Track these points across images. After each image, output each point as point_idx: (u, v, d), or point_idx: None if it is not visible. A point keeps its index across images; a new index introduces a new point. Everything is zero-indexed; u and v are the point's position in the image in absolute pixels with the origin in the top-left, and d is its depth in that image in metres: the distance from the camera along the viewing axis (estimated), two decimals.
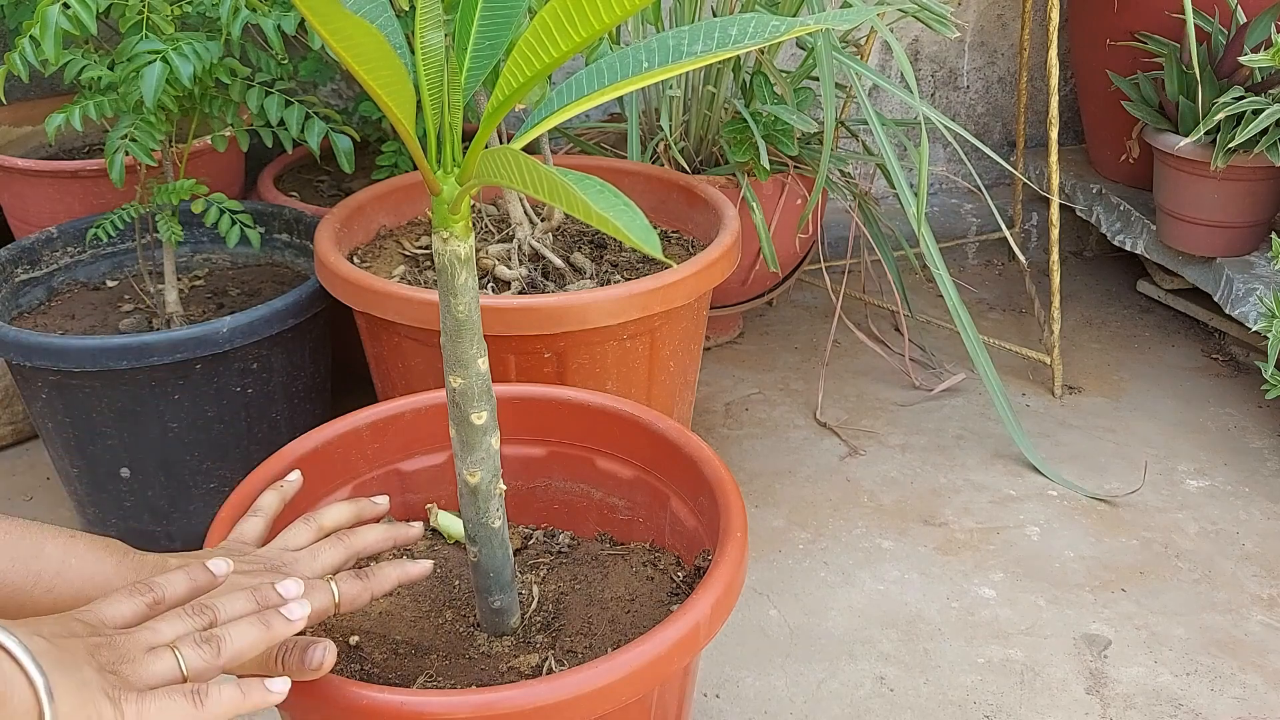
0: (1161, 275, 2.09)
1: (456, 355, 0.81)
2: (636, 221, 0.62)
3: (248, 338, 1.35)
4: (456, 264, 0.78)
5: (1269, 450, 1.71)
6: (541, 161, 1.23)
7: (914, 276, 2.14)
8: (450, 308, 0.79)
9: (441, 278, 0.79)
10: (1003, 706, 1.27)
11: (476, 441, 0.83)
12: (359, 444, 1.07)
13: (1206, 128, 1.72)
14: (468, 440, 0.83)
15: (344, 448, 1.06)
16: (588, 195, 0.61)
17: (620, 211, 0.62)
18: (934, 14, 1.55)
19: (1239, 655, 1.34)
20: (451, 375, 0.81)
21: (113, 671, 0.63)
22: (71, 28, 1.15)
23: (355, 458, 1.07)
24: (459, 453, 0.84)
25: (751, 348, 2.00)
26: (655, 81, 0.75)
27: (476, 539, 0.88)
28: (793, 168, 1.74)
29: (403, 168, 1.73)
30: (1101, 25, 2.04)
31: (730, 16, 0.68)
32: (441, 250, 0.78)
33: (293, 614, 0.72)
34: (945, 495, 1.62)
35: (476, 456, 0.84)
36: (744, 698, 1.28)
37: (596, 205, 0.61)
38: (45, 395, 1.38)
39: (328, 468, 1.04)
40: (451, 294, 0.79)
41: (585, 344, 1.28)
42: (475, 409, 0.82)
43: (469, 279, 0.79)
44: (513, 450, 1.09)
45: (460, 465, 0.84)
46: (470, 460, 0.84)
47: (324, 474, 1.04)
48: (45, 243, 1.56)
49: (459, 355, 0.81)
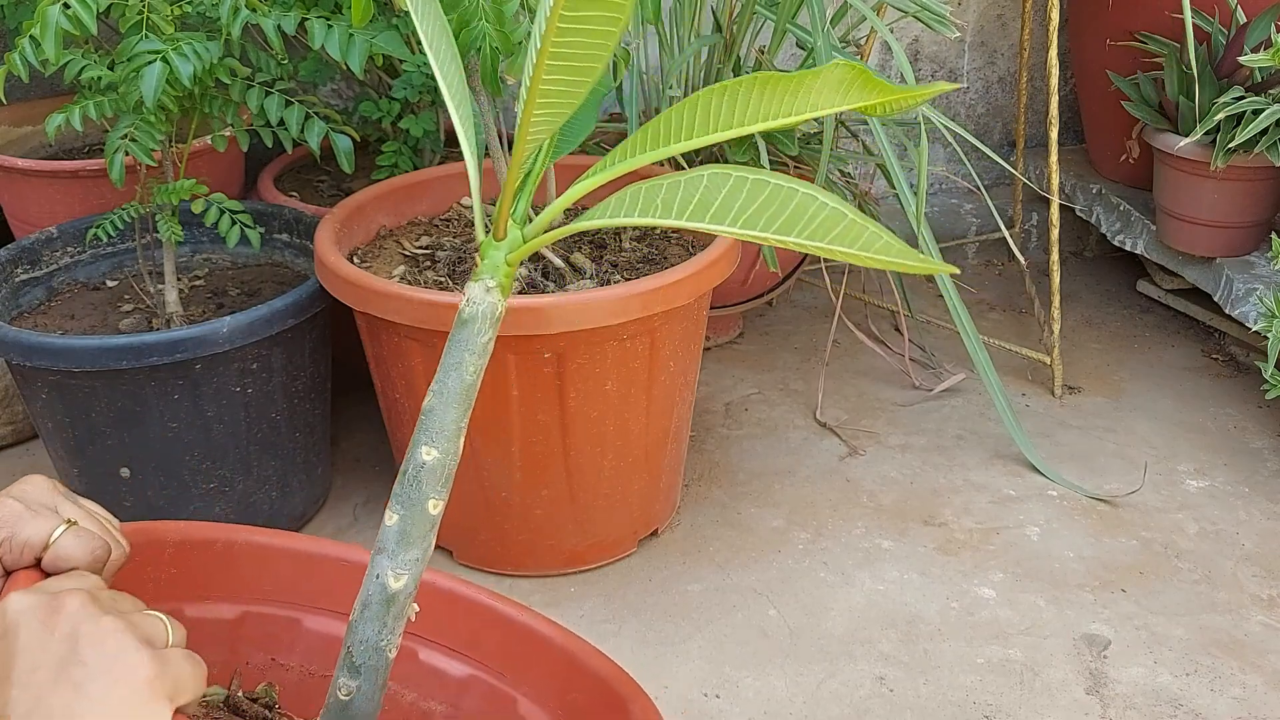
0: (1161, 275, 2.09)
1: (444, 424, 0.69)
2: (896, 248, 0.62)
3: (248, 338, 1.35)
4: (489, 320, 0.71)
5: (1269, 450, 1.71)
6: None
7: (914, 276, 2.14)
8: (461, 366, 0.70)
9: (464, 332, 0.70)
10: (1002, 707, 1.27)
11: (421, 535, 0.69)
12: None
13: (1206, 128, 1.72)
14: (410, 532, 0.69)
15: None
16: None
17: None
18: (934, 14, 1.55)
19: (1239, 655, 1.34)
20: (427, 447, 0.69)
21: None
22: (71, 28, 1.15)
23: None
24: (389, 548, 0.69)
25: (751, 348, 2.00)
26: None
27: (361, 669, 0.70)
28: (793, 168, 1.74)
29: (403, 167, 1.73)
30: (1101, 25, 2.04)
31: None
32: (480, 300, 0.70)
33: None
34: (945, 495, 1.62)
35: (411, 556, 0.69)
36: (744, 698, 1.28)
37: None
38: (45, 395, 1.38)
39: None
40: (470, 352, 0.70)
41: (585, 344, 1.28)
42: (437, 494, 0.70)
43: (492, 341, 0.70)
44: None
45: (385, 564, 0.69)
46: (402, 559, 0.69)
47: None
48: (45, 243, 1.56)
49: (446, 424, 0.69)
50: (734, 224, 0.64)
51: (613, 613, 1.41)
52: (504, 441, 1.34)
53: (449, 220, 1.55)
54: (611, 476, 1.40)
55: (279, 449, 1.46)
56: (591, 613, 1.41)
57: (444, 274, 1.39)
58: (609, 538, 1.46)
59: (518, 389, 1.29)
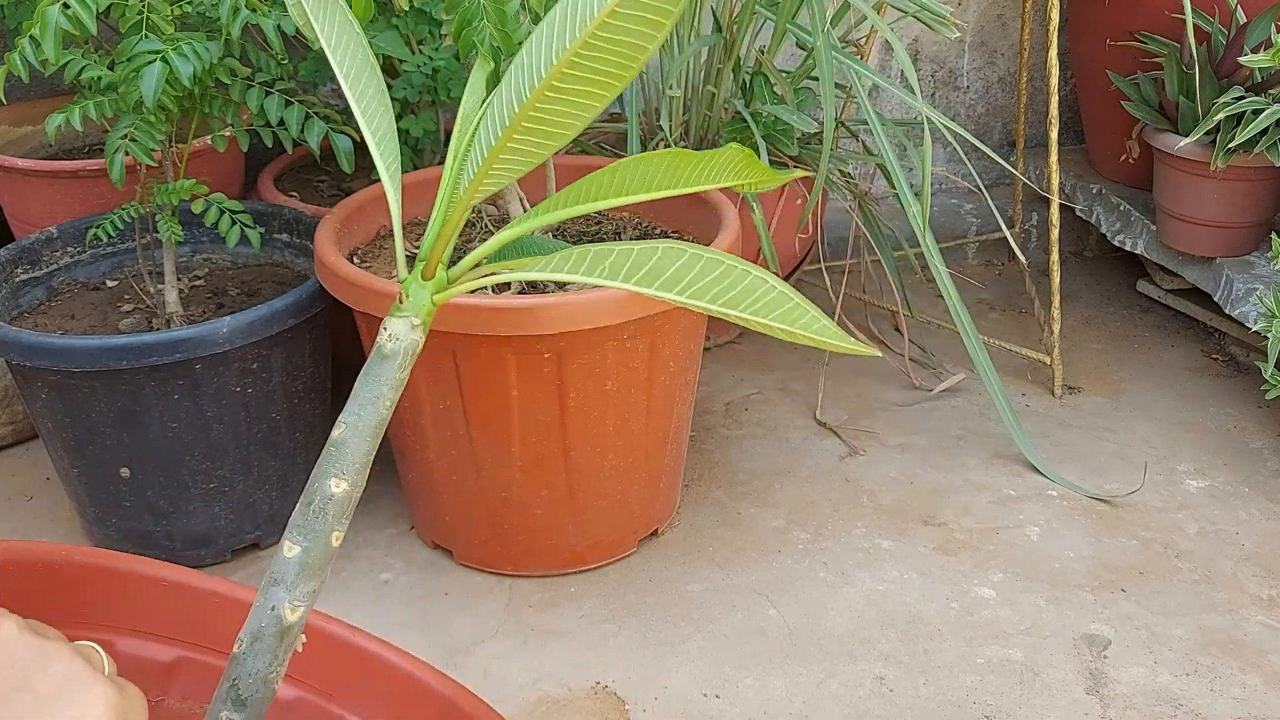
0: (1161, 275, 2.09)
1: (355, 456, 0.69)
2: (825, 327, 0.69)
3: (248, 338, 1.35)
4: (410, 356, 0.71)
5: (1269, 450, 1.71)
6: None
7: (914, 276, 2.14)
8: (378, 401, 0.70)
9: (384, 366, 0.70)
10: (1002, 707, 1.27)
11: (320, 567, 0.69)
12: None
13: (1206, 128, 1.72)
14: (311, 564, 0.68)
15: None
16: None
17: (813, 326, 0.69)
18: (934, 14, 1.55)
19: (1239, 655, 1.34)
20: (337, 479, 0.69)
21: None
22: (71, 28, 1.15)
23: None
24: (288, 579, 0.68)
25: (751, 348, 2.00)
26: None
27: (247, 701, 0.67)
28: (793, 168, 1.74)
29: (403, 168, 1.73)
30: (1101, 25, 2.04)
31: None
32: (404, 336, 0.70)
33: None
34: (945, 495, 1.62)
35: (309, 588, 0.68)
36: (744, 698, 1.28)
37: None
38: (45, 395, 1.38)
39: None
40: (389, 386, 0.70)
41: (585, 344, 1.28)
42: (340, 526, 0.69)
43: (408, 375, 0.71)
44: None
45: (282, 596, 0.67)
46: (300, 591, 0.68)
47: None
48: (45, 243, 1.56)
49: (357, 457, 0.69)
50: (681, 294, 0.69)
51: (612, 613, 1.41)
52: (504, 441, 1.34)
53: None
54: (611, 476, 1.40)
55: (279, 449, 1.46)
56: (591, 613, 1.41)
57: None
58: (609, 538, 1.46)
59: (518, 389, 1.29)
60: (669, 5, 0.66)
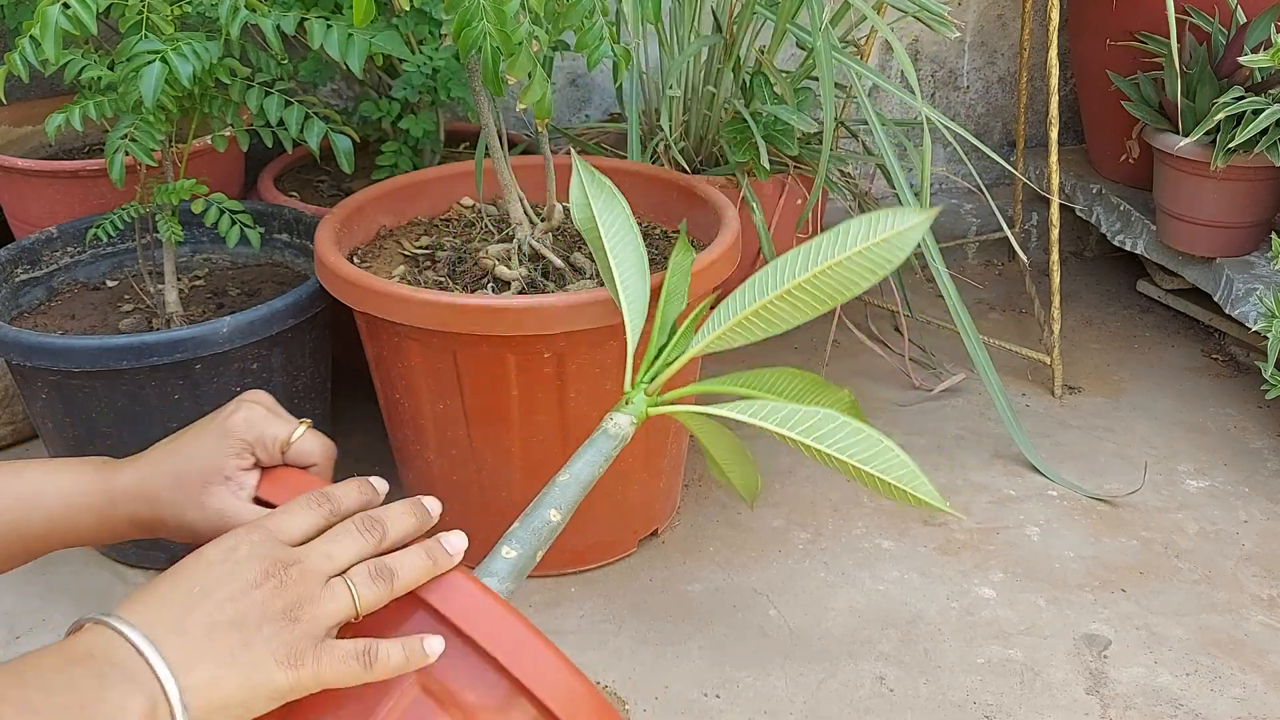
0: (1161, 275, 2.09)
1: (571, 498, 0.92)
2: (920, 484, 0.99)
3: (248, 338, 1.35)
4: (623, 440, 0.98)
5: (1269, 450, 1.71)
6: (541, 161, 1.31)
7: (914, 276, 2.14)
8: (594, 464, 0.95)
9: (606, 444, 0.96)
10: (1002, 707, 1.27)
11: (524, 571, 0.85)
12: None
13: (1206, 128, 1.72)
14: (520, 568, 0.85)
15: None
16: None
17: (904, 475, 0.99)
18: (933, 14, 1.55)
19: (1239, 655, 1.34)
20: (555, 510, 0.90)
21: (293, 619, 0.63)
22: (71, 28, 1.15)
23: None
24: (500, 574, 0.83)
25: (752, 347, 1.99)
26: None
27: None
28: (793, 168, 1.74)
29: (403, 168, 1.73)
30: (1101, 25, 2.04)
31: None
32: (625, 428, 0.98)
33: (454, 546, 0.70)
34: (945, 495, 1.60)
35: (510, 587, 0.84)
36: (744, 698, 1.28)
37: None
38: (45, 395, 1.38)
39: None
40: (605, 457, 0.96)
41: (585, 344, 1.28)
42: (544, 546, 0.89)
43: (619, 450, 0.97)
44: None
45: (491, 586, 0.81)
46: (505, 587, 0.84)
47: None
48: (45, 243, 1.56)
49: (571, 498, 0.92)
50: (832, 448, 0.98)
51: (613, 613, 1.41)
52: (504, 441, 1.34)
53: (449, 220, 1.55)
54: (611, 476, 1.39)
55: None
56: (592, 613, 1.41)
57: (444, 274, 1.39)
58: (609, 538, 1.46)
59: (518, 389, 1.29)
60: (890, 257, 0.99)
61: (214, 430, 0.76)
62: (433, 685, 0.67)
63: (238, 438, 0.75)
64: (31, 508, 0.74)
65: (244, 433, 0.75)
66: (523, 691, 0.67)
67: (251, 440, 0.75)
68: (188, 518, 0.74)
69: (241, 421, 0.75)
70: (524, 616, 0.68)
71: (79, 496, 0.75)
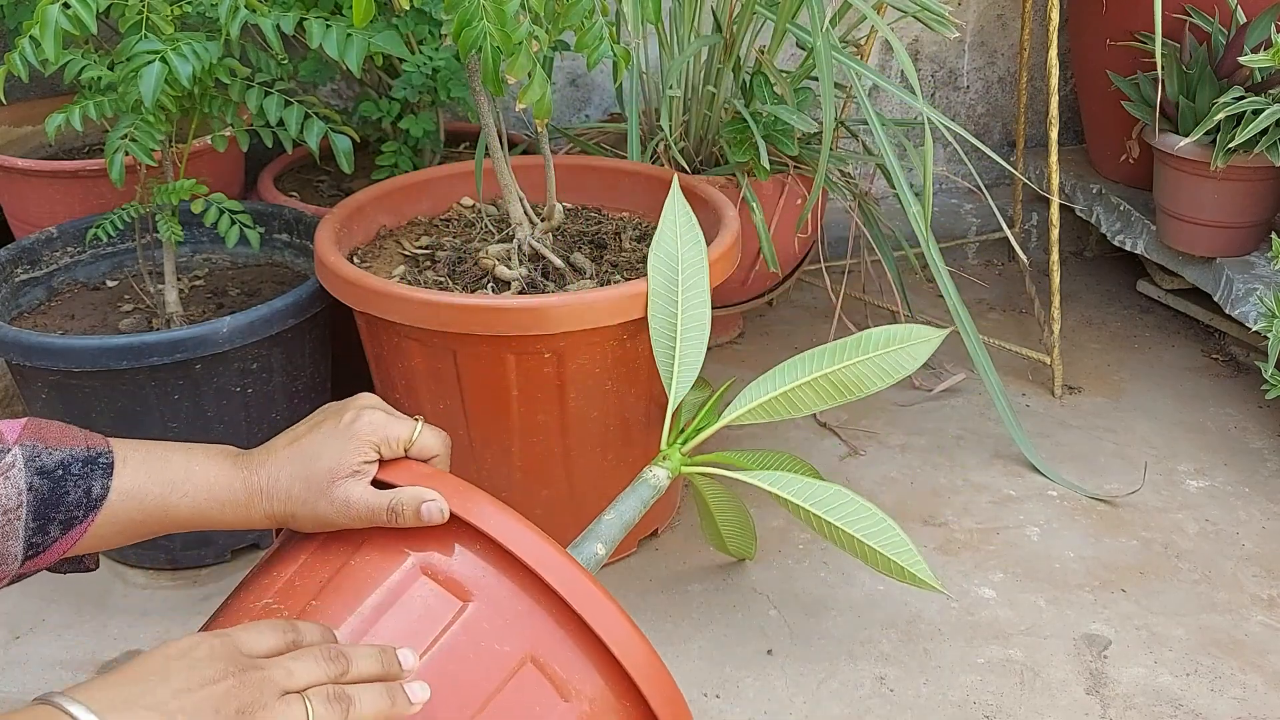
0: (1161, 275, 2.09)
1: (615, 535, 1.05)
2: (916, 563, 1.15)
3: (248, 338, 1.35)
4: (660, 491, 1.12)
5: (1269, 450, 1.71)
6: (541, 161, 1.31)
7: (914, 276, 2.14)
8: (633, 510, 1.08)
9: (646, 492, 1.11)
10: (1002, 707, 1.27)
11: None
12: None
13: (1206, 128, 1.72)
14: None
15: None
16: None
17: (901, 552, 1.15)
18: (933, 14, 1.55)
19: (1239, 655, 1.34)
20: (601, 545, 1.03)
21: (247, 715, 0.64)
22: (71, 28, 1.15)
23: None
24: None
25: (751, 348, 2.00)
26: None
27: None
28: (793, 168, 1.74)
29: (403, 167, 1.73)
30: (1101, 25, 2.04)
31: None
32: (663, 480, 1.13)
33: (416, 695, 0.72)
34: (945, 495, 1.62)
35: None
36: (744, 698, 1.28)
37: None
38: (45, 395, 1.38)
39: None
40: (643, 503, 1.10)
41: (585, 344, 1.28)
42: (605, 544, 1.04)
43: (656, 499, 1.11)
44: None
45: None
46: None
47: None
48: (45, 243, 1.56)
49: (615, 536, 1.04)
50: (834, 517, 1.15)
51: None
52: (504, 441, 1.34)
53: (449, 220, 1.55)
54: (611, 476, 1.40)
55: None
56: None
57: (444, 274, 1.39)
58: None
59: (518, 389, 1.29)
60: (902, 363, 1.21)
61: (340, 434, 0.82)
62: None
63: (365, 439, 0.82)
64: (180, 496, 0.80)
65: (370, 434, 0.82)
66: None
67: (378, 441, 0.82)
68: (319, 510, 0.81)
69: (367, 425, 0.82)
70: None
71: (222, 490, 0.81)
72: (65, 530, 0.78)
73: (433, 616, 0.78)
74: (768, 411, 1.21)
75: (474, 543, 0.81)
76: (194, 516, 0.81)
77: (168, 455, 0.81)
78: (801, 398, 1.21)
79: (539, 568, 0.78)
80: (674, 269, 1.26)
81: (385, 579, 0.79)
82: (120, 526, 0.80)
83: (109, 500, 0.78)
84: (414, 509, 0.79)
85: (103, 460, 0.79)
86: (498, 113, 1.37)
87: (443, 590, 0.79)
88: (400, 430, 0.84)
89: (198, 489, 0.81)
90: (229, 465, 0.82)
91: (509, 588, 0.79)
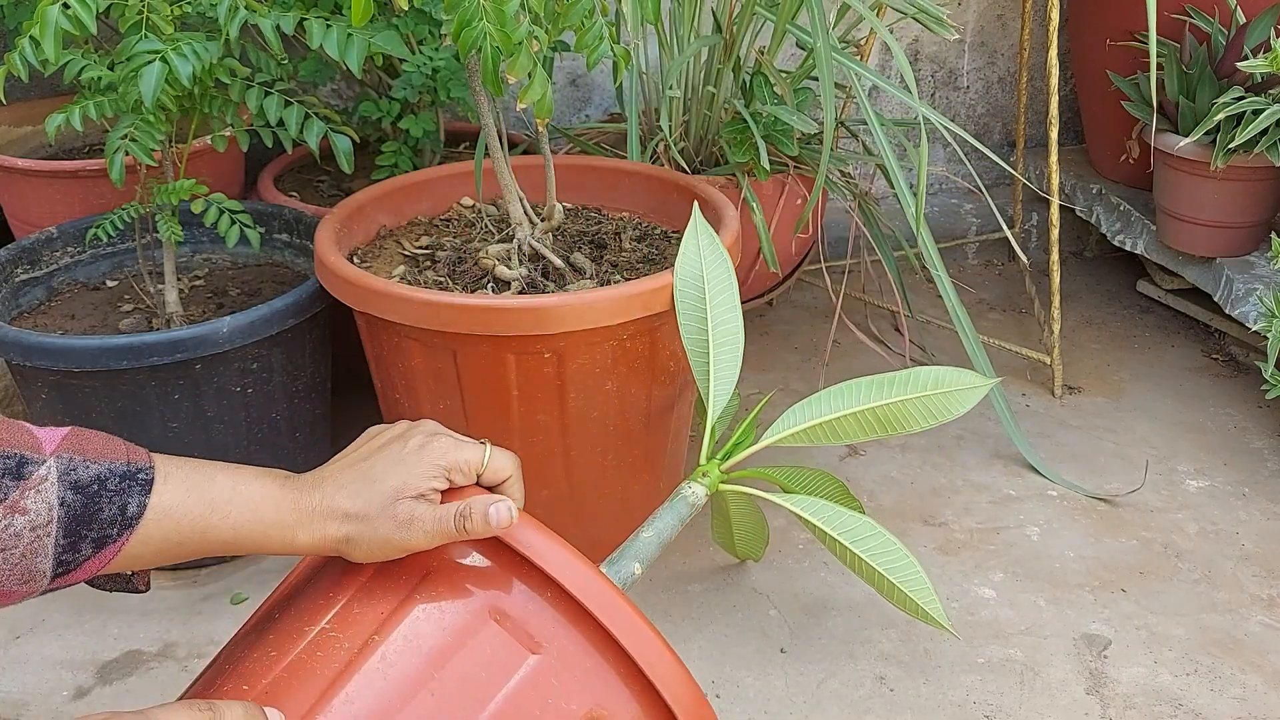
0: (1161, 275, 2.09)
1: (652, 552, 1.06)
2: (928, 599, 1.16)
3: (248, 338, 1.35)
4: (697, 508, 1.13)
5: (1269, 450, 1.71)
6: (542, 161, 1.31)
7: (914, 276, 2.14)
8: (671, 526, 1.08)
9: (684, 509, 1.11)
10: (1002, 706, 1.27)
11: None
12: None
13: (1206, 128, 1.72)
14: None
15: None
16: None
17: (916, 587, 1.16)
18: (931, 15, 1.55)
19: (1239, 655, 1.34)
20: (638, 564, 1.04)
21: None
22: (71, 28, 1.15)
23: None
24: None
25: (751, 348, 1.99)
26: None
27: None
28: (793, 168, 1.74)
29: (403, 168, 1.73)
30: (1101, 25, 2.04)
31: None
32: (701, 496, 1.13)
33: None
34: (945, 495, 1.62)
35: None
36: (744, 698, 1.28)
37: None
38: (45, 395, 1.38)
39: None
40: (680, 520, 1.10)
41: (585, 344, 1.28)
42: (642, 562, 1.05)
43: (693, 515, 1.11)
44: None
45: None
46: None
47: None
48: (45, 243, 1.56)
49: (651, 553, 1.06)
50: (860, 548, 1.15)
51: None
52: (504, 442, 1.33)
53: (449, 220, 1.55)
54: (612, 476, 1.40)
55: (279, 449, 1.46)
56: None
57: (444, 274, 1.39)
58: (609, 538, 1.46)
59: (518, 389, 1.29)
60: (949, 407, 1.19)
61: (408, 459, 0.80)
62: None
63: (436, 463, 0.80)
64: (221, 517, 0.77)
65: (439, 459, 0.81)
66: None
67: (448, 465, 0.81)
68: (380, 530, 0.78)
69: (437, 451, 0.81)
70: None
71: (269, 512, 0.78)
72: (98, 549, 0.75)
73: (500, 666, 0.75)
74: (810, 437, 1.21)
75: (543, 589, 0.79)
76: (234, 539, 0.78)
77: (212, 474, 0.79)
78: (845, 427, 1.21)
79: (613, 627, 0.76)
80: (700, 288, 1.27)
81: (450, 621, 0.77)
82: (156, 546, 0.77)
83: (145, 519, 0.76)
84: (482, 512, 0.78)
85: (141, 476, 0.77)
86: (498, 113, 1.37)
87: (511, 639, 0.76)
88: (471, 455, 0.82)
89: (242, 510, 0.78)
90: (277, 486, 0.80)
91: (579, 642, 0.76)
